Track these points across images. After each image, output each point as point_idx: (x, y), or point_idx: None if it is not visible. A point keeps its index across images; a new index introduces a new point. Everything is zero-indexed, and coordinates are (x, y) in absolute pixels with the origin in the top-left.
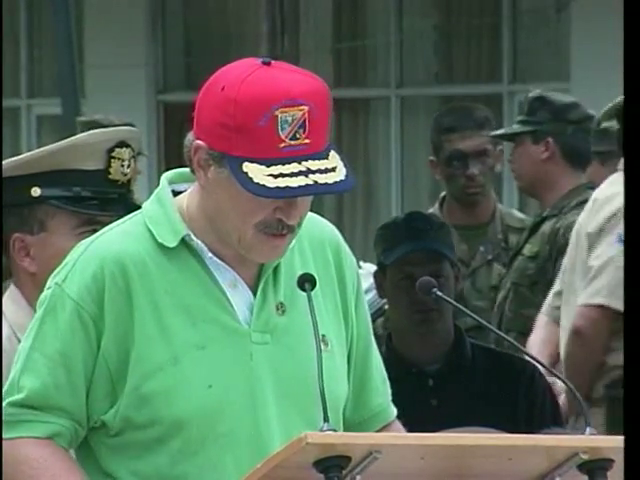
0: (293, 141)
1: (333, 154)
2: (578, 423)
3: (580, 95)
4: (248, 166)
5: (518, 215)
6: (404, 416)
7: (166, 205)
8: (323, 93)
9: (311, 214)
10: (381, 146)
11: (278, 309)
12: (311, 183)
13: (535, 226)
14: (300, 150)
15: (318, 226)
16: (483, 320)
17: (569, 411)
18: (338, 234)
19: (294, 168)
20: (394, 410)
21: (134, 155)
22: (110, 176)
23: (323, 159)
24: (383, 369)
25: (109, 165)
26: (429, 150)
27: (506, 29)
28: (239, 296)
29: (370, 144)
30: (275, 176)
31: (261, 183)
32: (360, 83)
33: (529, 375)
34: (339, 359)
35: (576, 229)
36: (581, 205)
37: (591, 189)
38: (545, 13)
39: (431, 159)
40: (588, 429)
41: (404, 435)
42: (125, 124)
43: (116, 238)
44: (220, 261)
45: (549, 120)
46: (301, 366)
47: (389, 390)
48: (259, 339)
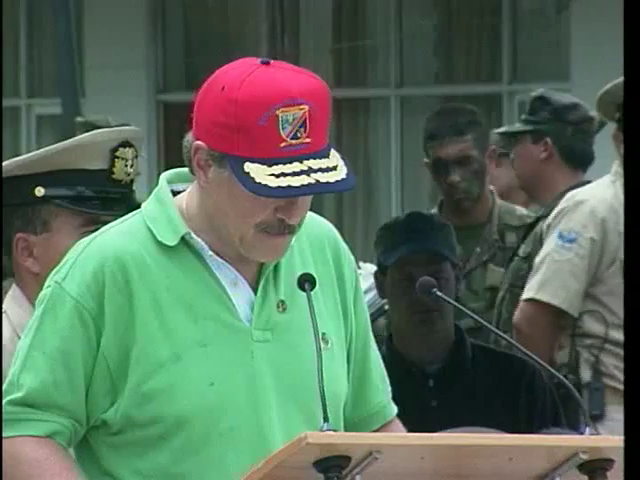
0: (294, 140)
1: (333, 153)
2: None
3: (580, 95)
4: (249, 166)
5: (520, 212)
6: (404, 416)
7: (166, 204)
8: (323, 92)
9: (309, 212)
10: (381, 146)
11: (279, 307)
12: (313, 182)
13: (530, 227)
14: (301, 149)
15: (316, 224)
16: (483, 320)
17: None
18: (336, 232)
19: (296, 167)
20: (394, 408)
21: (137, 155)
22: (114, 176)
23: (324, 158)
24: (383, 367)
25: (113, 165)
26: None
27: (506, 29)
28: (240, 294)
29: (370, 144)
30: (277, 176)
31: (263, 183)
32: (360, 83)
33: (529, 375)
34: (339, 357)
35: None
36: None
37: None
38: (545, 13)
39: (425, 161)
40: (588, 429)
41: (404, 435)
42: (121, 124)
43: (116, 237)
44: (220, 259)
45: (549, 120)
46: (302, 363)
47: (389, 388)
48: (260, 337)
